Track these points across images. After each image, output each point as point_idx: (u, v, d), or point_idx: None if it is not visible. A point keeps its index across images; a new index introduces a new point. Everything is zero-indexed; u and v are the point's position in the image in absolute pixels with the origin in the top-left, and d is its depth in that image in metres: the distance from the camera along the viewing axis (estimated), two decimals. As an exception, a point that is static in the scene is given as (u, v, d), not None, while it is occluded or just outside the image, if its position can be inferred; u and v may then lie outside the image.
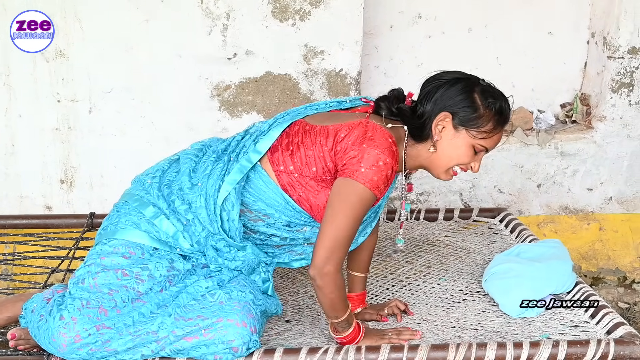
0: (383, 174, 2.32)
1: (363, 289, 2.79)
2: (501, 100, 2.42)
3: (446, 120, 2.39)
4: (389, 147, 2.35)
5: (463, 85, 2.41)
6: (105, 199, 3.66)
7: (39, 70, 3.47)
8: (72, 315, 2.27)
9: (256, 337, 2.33)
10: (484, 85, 2.44)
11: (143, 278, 2.37)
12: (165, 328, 2.31)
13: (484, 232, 3.48)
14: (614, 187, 4.01)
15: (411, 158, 2.48)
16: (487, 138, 2.39)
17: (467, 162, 2.43)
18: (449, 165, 2.43)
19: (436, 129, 2.40)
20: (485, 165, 3.84)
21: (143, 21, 3.45)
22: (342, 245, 2.33)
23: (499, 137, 2.43)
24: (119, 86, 3.53)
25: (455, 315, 2.78)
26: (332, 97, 3.62)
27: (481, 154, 2.43)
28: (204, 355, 2.31)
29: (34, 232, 3.44)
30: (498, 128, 2.40)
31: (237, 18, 3.47)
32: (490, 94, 2.41)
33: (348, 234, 2.33)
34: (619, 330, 2.52)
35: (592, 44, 4.00)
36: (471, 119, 2.37)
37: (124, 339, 2.29)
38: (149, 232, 2.44)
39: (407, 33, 3.91)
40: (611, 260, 4.09)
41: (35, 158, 3.60)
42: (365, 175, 2.31)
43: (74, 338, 2.25)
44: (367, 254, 2.77)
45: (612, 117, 3.88)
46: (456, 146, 2.40)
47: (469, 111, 2.38)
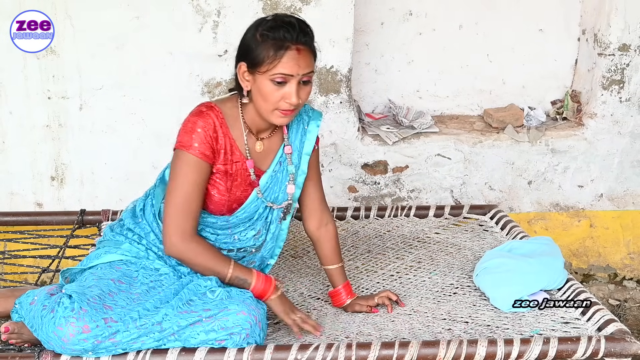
0: (188, 131, 2.43)
1: (344, 280, 2.80)
2: (273, 21, 2.40)
3: (242, 69, 2.44)
4: (197, 111, 2.47)
5: (246, 32, 2.44)
6: (96, 196, 3.66)
7: (29, 67, 3.47)
8: (82, 306, 2.27)
9: (257, 328, 2.37)
10: (262, 20, 2.44)
11: (136, 284, 2.45)
12: (169, 320, 2.34)
13: (475, 229, 3.47)
14: (605, 184, 4.02)
15: (249, 117, 2.52)
16: (277, 65, 2.35)
17: (279, 98, 2.40)
18: (268, 109, 2.43)
19: (243, 82, 2.45)
20: (476, 162, 3.86)
21: (134, 18, 3.45)
22: (177, 214, 2.43)
23: (292, 57, 2.35)
24: (109, 83, 3.53)
25: (445, 308, 2.78)
26: (323, 94, 3.64)
27: (290, 84, 2.38)
28: (205, 342, 2.34)
29: (24, 229, 3.42)
30: (281, 50, 2.35)
31: (228, 15, 3.47)
32: (266, 24, 2.40)
33: (178, 200, 2.43)
34: (610, 327, 2.51)
35: (582, 41, 4.01)
36: (254, 58, 2.38)
37: (130, 331, 2.30)
38: (124, 253, 2.57)
39: (398, 30, 3.93)
40: (602, 257, 4.11)
41: (26, 155, 3.60)
42: (177, 139, 2.46)
43: (82, 328, 2.25)
44: (330, 245, 2.79)
45: (602, 114, 3.88)
46: (259, 88, 2.41)
47: (250, 52, 2.39)
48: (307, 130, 2.65)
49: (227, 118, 2.50)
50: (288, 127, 2.63)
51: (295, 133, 2.65)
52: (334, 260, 2.79)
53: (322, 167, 3.73)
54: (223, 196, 2.54)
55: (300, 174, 2.67)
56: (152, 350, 2.32)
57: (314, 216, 2.77)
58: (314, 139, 2.66)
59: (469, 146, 3.83)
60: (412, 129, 3.85)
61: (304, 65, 2.38)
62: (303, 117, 2.66)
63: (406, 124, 3.88)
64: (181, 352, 2.33)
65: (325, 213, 2.78)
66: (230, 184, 2.54)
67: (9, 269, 3.35)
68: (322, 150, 3.67)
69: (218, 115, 2.48)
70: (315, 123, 2.66)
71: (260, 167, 2.60)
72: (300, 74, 2.37)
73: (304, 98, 2.44)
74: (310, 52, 2.42)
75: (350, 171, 3.79)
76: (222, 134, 2.48)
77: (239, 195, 2.58)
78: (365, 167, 3.80)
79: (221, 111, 2.49)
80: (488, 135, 3.86)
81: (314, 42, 2.45)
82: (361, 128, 3.80)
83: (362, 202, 3.86)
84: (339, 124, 3.70)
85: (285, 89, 2.38)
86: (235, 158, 2.53)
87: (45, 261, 3.24)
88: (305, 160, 2.66)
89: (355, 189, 3.84)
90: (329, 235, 2.78)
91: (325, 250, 2.79)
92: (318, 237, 2.79)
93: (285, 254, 3.24)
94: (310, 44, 2.42)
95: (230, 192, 2.55)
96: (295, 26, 2.37)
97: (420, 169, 3.84)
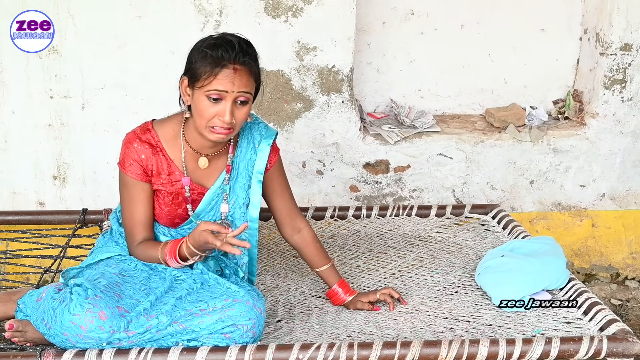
0: (123, 152, 2.54)
1: (338, 278, 2.83)
2: (215, 40, 2.44)
3: (184, 83, 2.48)
4: (132, 134, 2.56)
5: (192, 47, 2.49)
6: (98, 195, 3.67)
7: (31, 67, 3.47)
8: (96, 293, 2.31)
9: (262, 318, 2.43)
10: (208, 37, 2.48)
11: (137, 274, 2.53)
12: (177, 310, 2.39)
13: (476, 228, 3.47)
14: (607, 184, 4.00)
15: (191, 133, 2.56)
16: (212, 81, 2.39)
17: (213, 115, 2.42)
18: (202, 124, 2.45)
19: (185, 96, 2.50)
20: (478, 161, 3.86)
21: (136, 17, 3.45)
22: (128, 232, 2.59)
23: (227, 75, 2.39)
24: (111, 82, 3.53)
25: (447, 307, 2.78)
26: (325, 93, 3.63)
27: (225, 101, 2.41)
28: (212, 332, 2.38)
29: (27, 228, 3.43)
30: (217, 68, 2.39)
31: (230, 14, 3.48)
32: (209, 41, 2.44)
33: (127, 223, 2.58)
34: (612, 327, 2.50)
35: (584, 40, 3.99)
36: (194, 72, 2.42)
37: (141, 322, 2.35)
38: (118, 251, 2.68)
39: (400, 29, 3.92)
40: (604, 257, 4.10)
41: (28, 154, 3.61)
42: (119, 156, 2.59)
43: (99, 314, 2.28)
44: (310, 250, 2.82)
45: (604, 114, 3.87)
46: (196, 104, 2.44)
47: (191, 66, 2.44)
48: (257, 149, 2.67)
49: (165, 138, 2.57)
50: (237, 145, 2.66)
51: (245, 152, 2.67)
52: (319, 262, 2.82)
53: (324, 166, 3.76)
54: (162, 211, 2.61)
55: (254, 194, 2.68)
56: (154, 349, 2.33)
57: (285, 225, 2.82)
58: (265, 158, 2.67)
59: (470, 146, 3.83)
60: (414, 128, 3.84)
61: (239, 84, 2.40)
62: (254, 136, 2.68)
63: (408, 123, 3.88)
64: (183, 351, 2.33)
65: (296, 220, 2.81)
66: (170, 201, 2.59)
67: (10, 269, 3.34)
68: (324, 150, 3.72)
69: (153, 137, 2.55)
70: (267, 142, 2.68)
71: (205, 185, 2.63)
72: (235, 91, 2.39)
73: (240, 118, 2.45)
74: (249, 73, 2.44)
75: (352, 170, 3.79)
76: (158, 156, 2.55)
77: (180, 212, 2.63)
78: (367, 167, 3.80)
79: (156, 133, 2.56)
80: (490, 135, 3.86)
81: (256, 65, 2.48)
82: (363, 127, 3.80)
83: (363, 201, 3.85)
84: (341, 124, 3.70)
85: (220, 107, 2.41)
86: (175, 177, 2.58)
87: (47, 261, 3.25)
88: (257, 178, 2.68)
89: (357, 189, 3.84)
90: (305, 241, 2.82)
91: (307, 255, 2.83)
92: (295, 244, 2.84)
93: (286, 253, 3.26)
94: (250, 65, 2.44)
95: (171, 209, 2.61)
96: (234, 46, 2.40)
97: (422, 169, 3.84)
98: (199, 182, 2.61)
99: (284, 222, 2.81)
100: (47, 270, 3.10)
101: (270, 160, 2.70)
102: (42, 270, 3.12)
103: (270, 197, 2.78)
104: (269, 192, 2.76)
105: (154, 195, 2.59)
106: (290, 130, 3.67)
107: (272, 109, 3.64)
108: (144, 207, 2.58)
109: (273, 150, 2.71)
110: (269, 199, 2.79)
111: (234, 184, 2.65)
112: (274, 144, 2.71)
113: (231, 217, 2.66)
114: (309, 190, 3.81)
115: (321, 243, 2.86)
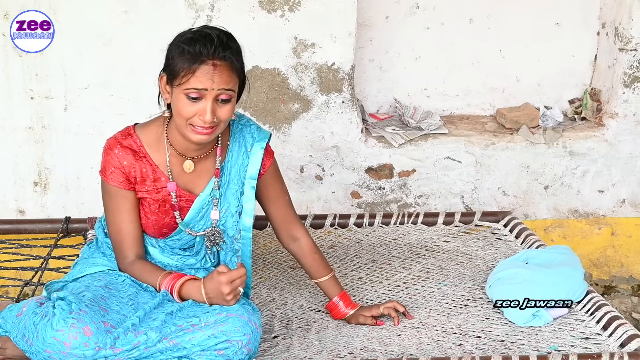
0: (104, 160, 2.51)
1: (339, 290, 2.80)
2: (193, 34, 2.40)
3: (163, 81, 2.45)
4: (112, 140, 2.52)
5: (170, 42, 2.45)
6: (82, 203, 3.66)
7: (11, 66, 3.46)
8: (80, 307, 2.28)
9: (258, 333, 2.39)
10: (185, 32, 2.44)
11: (125, 287, 2.49)
12: (167, 326, 2.35)
13: (487, 237, 3.43)
14: (627, 189, 3.97)
15: (173, 135, 2.52)
16: (190, 79, 2.34)
17: (192, 114, 2.37)
18: (181, 124, 2.41)
19: (164, 94, 2.48)
20: (489, 165, 3.83)
21: (122, 13, 3.43)
22: (116, 246, 2.57)
23: (206, 71, 2.34)
24: (96, 82, 3.52)
25: (456, 321, 2.76)
26: (324, 93, 3.61)
27: (205, 99, 2.36)
28: (204, 348, 2.34)
29: (6, 238, 3.38)
30: (195, 64, 2.33)
31: (222, 9, 3.46)
32: (186, 35, 2.40)
33: (114, 236, 2.56)
34: (633, 344, 2.47)
35: (602, 35, 3.96)
36: (172, 69, 2.38)
37: (128, 338, 2.30)
38: (105, 264, 2.64)
39: (404, 24, 3.91)
40: (624, 268, 4.06)
41: (7, 159, 3.59)
42: (100, 163, 2.56)
43: (83, 330, 2.23)
44: (309, 260, 2.79)
45: (624, 114, 3.83)
46: (175, 102, 2.40)
47: (169, 63, 2.41)
48: (249, 153, 2.64)
49: (148, 142, 2.53)
50: (227, 147, 2.63)
51: (237, 156, 2.63)
52: (319, 273, 2.79)
53: (323, 171, 3.75)
54: (149, 220, 2.57)
55: (247, 201, 2.65)
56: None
57: (283, 233, 2.80)
58: (258, 162, 2.64)
59: (480, 148, 3.79)
60: (420, 130, 3.82)
61: (220, 81, 2.35)
62: (246, 139, 2.64)
63: (413, 124, 3.85)
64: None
65: (294, 229, 2.79)
66: (157, 209, 2.56)
67: (-12, 282, 3.35)
68: (323, 153, 3.72)
69: (135, 142, 2.52)
70: (260, 145, 2.64)
71: (192, 191, 2.59)
72: (215, 89, 2.35)
73: (223, 117, 2.40)
74: (230, 69, 2.39)
75: (353, 176, 3.77)
76: (141, 162, 2.52)
77: (167, 221, 2.59)
78: (370, 171, 3.77)
79: (139, 138, 2.52)
80: (501, 137, 3.83)
81: (239, 59, 2.43)
82: (365, 129, 3.79)
83: (366, 208, 3.83)
84: (341, 125, 3.68)
85: (200, 105, 2.37)
86: (161, 184, 2.55)
87: (27, 273, 3.22)
88: (250, 185, 2.64)
89: (358, 195, 3.80)
90: (303, 251, 2.79)
91: (307, 265, 2.80)
92: (294, 253, 2.82)
93: (283, 264, 3.23)
94: (231, 60, 2.39)
95: (158, 217, 2.57)
96: (213, 40, 2.36)
97: (429, 173, 3.81)
98: (186, 187, 2.57)
99: (280, 230, 2.79)
100: (27, 283, 3.07)
101: (263, 165, 2.66)
102: (23, 283, 3.09)
103: (266, 204, 2.75)
104: (263, 199, 2.73)
105: (139, 203, 2.56)
106: (287, 132, 3.65)
107: (267, 109, 3.61)
108: (130, 217, 2.54)
109: (267, 153, 2.66)
110: (264, 206, 2.76)
111: (225, 191, 2.62)
112: (267, 146, 2.67)
113: (223, 226, 2.63)
114: (308, 196, 3.78)
115: (321, 252, 2.83)
